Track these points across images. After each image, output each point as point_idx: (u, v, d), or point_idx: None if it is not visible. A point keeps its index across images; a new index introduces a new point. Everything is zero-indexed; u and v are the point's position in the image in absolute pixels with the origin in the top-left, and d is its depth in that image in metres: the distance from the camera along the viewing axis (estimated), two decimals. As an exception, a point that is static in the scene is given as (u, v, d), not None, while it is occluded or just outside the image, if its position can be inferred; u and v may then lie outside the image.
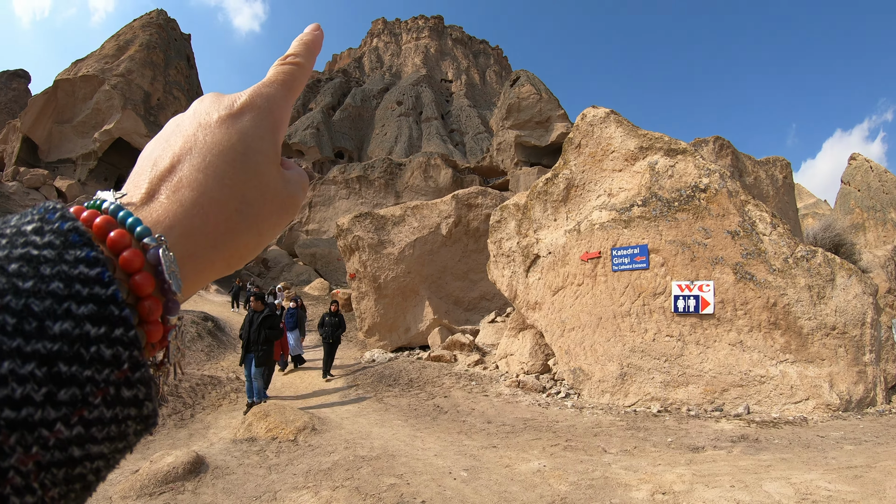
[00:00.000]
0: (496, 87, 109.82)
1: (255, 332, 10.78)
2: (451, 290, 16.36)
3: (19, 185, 35.46)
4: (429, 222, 16.54)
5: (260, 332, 10.76)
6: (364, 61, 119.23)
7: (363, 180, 58.34)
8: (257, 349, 10.61)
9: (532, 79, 50.57)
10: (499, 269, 12.56)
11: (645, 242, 9.36)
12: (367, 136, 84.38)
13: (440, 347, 14.74)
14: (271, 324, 10.90)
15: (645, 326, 9.10)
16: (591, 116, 11.44)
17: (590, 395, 9.50)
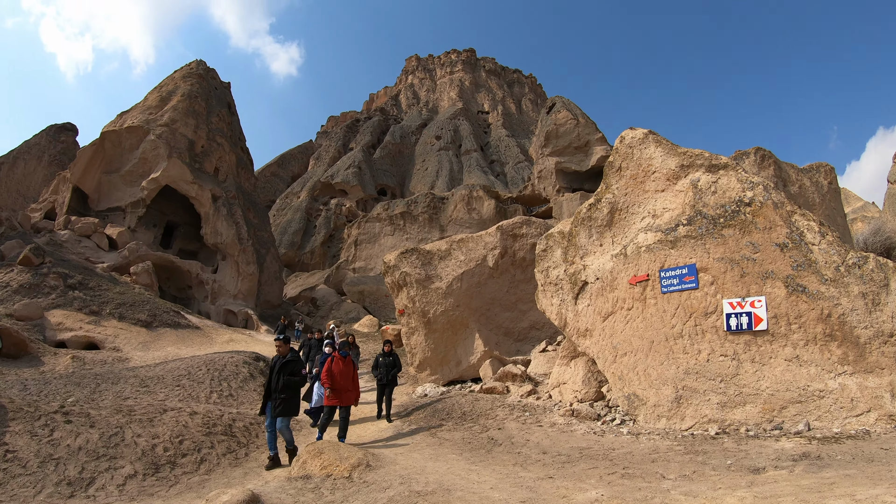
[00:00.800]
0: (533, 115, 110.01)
1: (275, 379, 9.81)
2: (501, 321, 16.29)
3: (71, 233, 36.62)
4: (475, 255, 16.56)
5: (280, 378, 9.75)
6: (400, 98, 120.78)
7: (407, 216, 58.81)
8: (276, 398, 9.65)
9: (568, 104, 50.58)
10: (547, 298, 12.48)
11: (693, 262, 9.21)
12: (408, 172, 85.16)
13: (492, 379, 14.65)
14: (292, 369, 9.88)
15: (698, 347, 8.91)
16: (630, 138, 11.39)
17: (645, 421, 9.31)
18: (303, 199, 73.08)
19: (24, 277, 26.11)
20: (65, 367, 18.21)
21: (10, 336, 18.39)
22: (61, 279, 27.00)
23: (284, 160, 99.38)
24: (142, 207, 40.31)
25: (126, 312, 26.13)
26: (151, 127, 40.81)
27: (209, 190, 41.23)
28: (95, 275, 30.76)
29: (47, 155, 69.23)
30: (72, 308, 24.93)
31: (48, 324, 23.12)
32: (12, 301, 23.98)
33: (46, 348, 20.08)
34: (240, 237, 41.42)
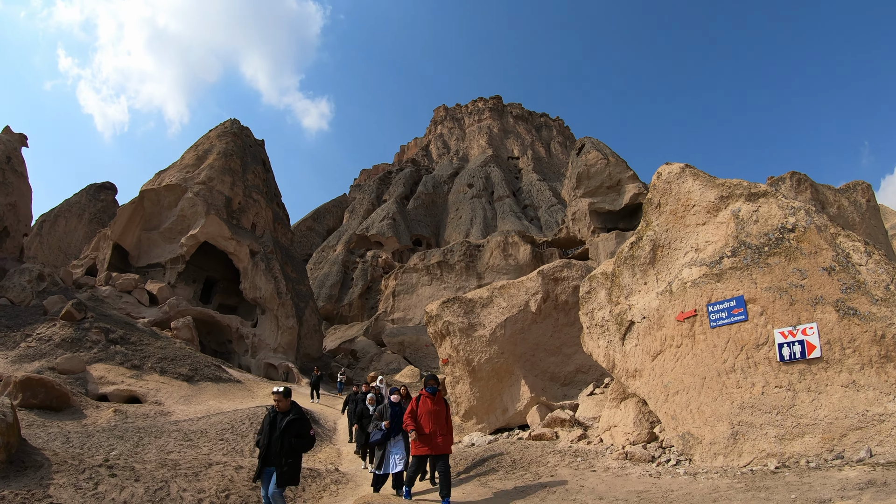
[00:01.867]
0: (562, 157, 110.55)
1: (277, 440, 8.38)
2: (546, 366, 16.06)
3: (112, 289, 37.37)
4: (517, 301, 16.44)
5: (284, 440, 8.37)
6: (431, 149, 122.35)
7: (444, 265, 58.93)
8: (280, 462, 8.26)
9: (597, 144, 50.75)
10: (593, 340, 12.29)
11: (740, 293, 9.02)
12: (442, 222, 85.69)
13: (540, 425, 14.39)
14: (299, 430, 8.51)
15: (751, 380, 8.66)
16: (667, 173, 11.31)
17: (702, 460, 9.02)
18: (339, 252, 73.85)
19: (66, 332, 26.62)
20: (107, 421, 18.37)
21: (53, 389, 18.63)
22: (103, 334, 27.47)
23: (319, 214, 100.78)
24: (181, 263, 41.10)
25: (167, 366, 26.43)
26: (189, 185, 41.82)
27: (247, 245, 41.89)
28: (137, 329, 31.26)
29: (87, 213, 71.28)
30: (114, 362, 25.31)
31: (90, 377, 23.48)
32: (55, 355, 24.44)
33: (88, 401, 20.30)
34: (278, 291, 41.84)
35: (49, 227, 68.63)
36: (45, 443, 13.24)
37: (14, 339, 26.13)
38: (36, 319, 29.05)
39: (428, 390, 9.90)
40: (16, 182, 44.50)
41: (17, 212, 44.33)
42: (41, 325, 27.72)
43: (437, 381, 10.17)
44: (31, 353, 24.49)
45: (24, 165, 46.72)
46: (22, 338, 26.37)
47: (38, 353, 24.55)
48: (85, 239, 64.94)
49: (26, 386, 18.11)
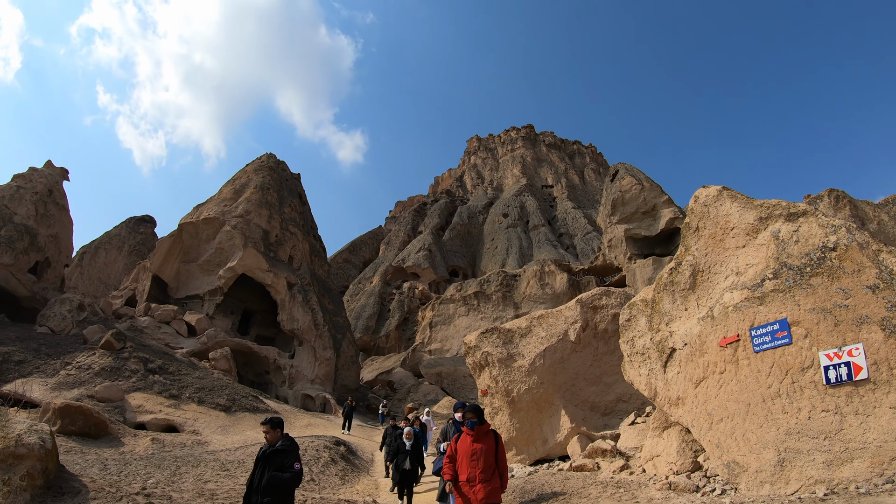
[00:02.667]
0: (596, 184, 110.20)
1: (258, 475, 7.47)
2: (586, 395, 15.82)
3: (151, 319, 37.99)
4: (556, 330, 16.27)
5: (264, 473, 7.40)
6: (465, 179, 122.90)
7: (480, 296, 58.84)
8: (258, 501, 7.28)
9: (631, 170, 50.49)
10: (634, 369, 12.07)
11: (783, 316, 8.79)
12: (478, 252, 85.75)
13: (581, 456, 14.13)
14: (281, 462, 7.43)
15: (797, 405, 8.39)
16: (704, 197, 11.16)
17: (748, 489, 8.73)
18: (375, 284, 74.16)
19: (105, 361, 27.12)
20: (144, 449, 18.55)
21: (91, 417, 18.92)
22: (142, 363, 27.91)
23: (355, 246, 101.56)
24: (219, 295, 41.68)
25: (205, 397, 26.68)
26: (227, 218, 42.57)
27: (284, 278, 42.34)
28: (175, 360, 31.72)
29: (127, 245, 72.85)
30: (152, 391, 25.67)
31: (128, 406, 23.81)
32: (94, 383, 24.94)
33: (126, 429, 20.57)
34: (315, 323, 42.09)
35: (90, 258, 70.21)
36: (82, 469, 13.43)
37: (54, 367, 26.69)
38: (76, 348, 29.67)
39: (468, 425, 7.94)
40: (57, 214, 45.71)
41: (58, 243, 45.48)
42: (81, 353, 28.30)
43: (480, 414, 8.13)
44: (71, 380, 25.03)
45: (66, 198, 48.04)
46: (62, 366, 26.94)
47: (78, 380, 25.07)
48: (124, 270, 66.34)
49: (65, 413, 18.47)
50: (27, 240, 41.04)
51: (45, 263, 43.79)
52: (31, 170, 46.22)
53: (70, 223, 47.82)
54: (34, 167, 46.70)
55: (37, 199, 43.78)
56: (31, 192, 43.78)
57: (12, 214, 41.38)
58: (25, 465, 8.38)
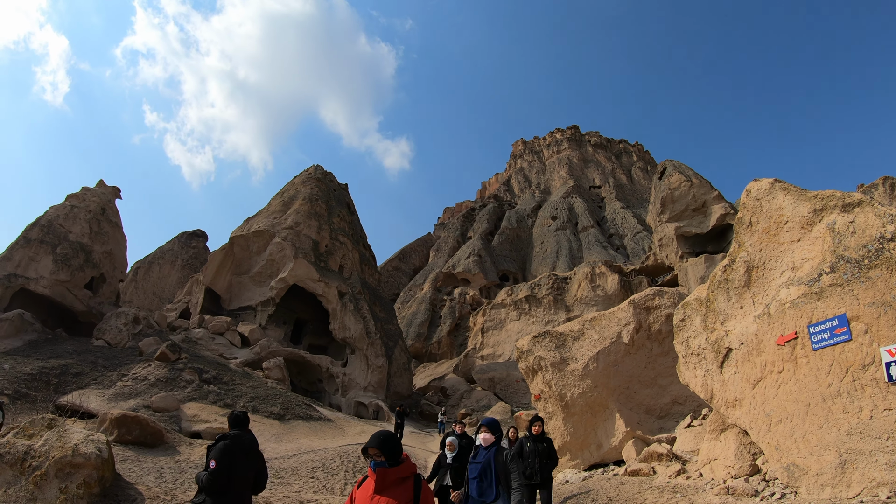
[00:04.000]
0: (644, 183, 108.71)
1: None
2: (641, 398, 15.52)
3: (205, 331, 38.80)
4: (609, 332, 16.03)
5: None
6: (512, 183, 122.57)
7: (531, 299, 58.49)
8: None
9: (679, 167, 49.68)
10: (690, 370, 11.77)
11: (842, 311, 8.44)
12: (528, 256, 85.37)
13: (636, 461, 13.86)
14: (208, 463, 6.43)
15: (859, 404, 8.04)
16: (756, 190, 10.85)
17: (808, 492, 8.40)
18: (426, 291, 74.35)
19: (160, 372, 27.76)
20: (200, 458, 18.85)
21: (147, 426, 19.34)
22: (196, 374, 28.46)
23: (405, 254, 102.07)
24: (271, 306, 42.36)
25: (259, 405, 27.04)
26: (277, 230, 43.32)
27: (335, 287, 42.77)
28: (229, 370, 32.30)
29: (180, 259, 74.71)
30: (206, 401, 26.15)
31: (184, 415, 24.30)
32: (150, 393, 25.55)
33: (182, 438, 20.93)
34: (367, 331, 42.37)
35: (144, 273, 72.12)
36: (138, 477, 13.77)
37: (111, 379, 27.39)
38: (132, 360, 30.42)
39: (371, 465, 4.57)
40: (111, 231, 46.98)
41: (112, 259, 46.74)
42: (137, 365, 29.04)
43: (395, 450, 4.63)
44: (127, 391, 25.68)
45: (119, 216, 49.36)
46: (118, 377, 27.64)
47: (134, 391, 25.72)
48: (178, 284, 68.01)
49: (122, 423, 18.86)
50: (82, 257, 42.26)
51: (100, 279, 45.06)
52: (84, 189, 47.67)
53: (124, 239, 49.14)
54: (87, 187, 48.18)
55: (90, 218, 45.08)
56: (84, 211, 45.10)
57: (67, 233, 42.69)
58: (82, 474, 8.58)
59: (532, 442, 9.55)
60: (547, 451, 9.57)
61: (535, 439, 9.60)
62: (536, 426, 9.77)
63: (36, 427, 9.70)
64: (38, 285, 38.86)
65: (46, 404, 22.26)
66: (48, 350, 31.63)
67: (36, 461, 8.63)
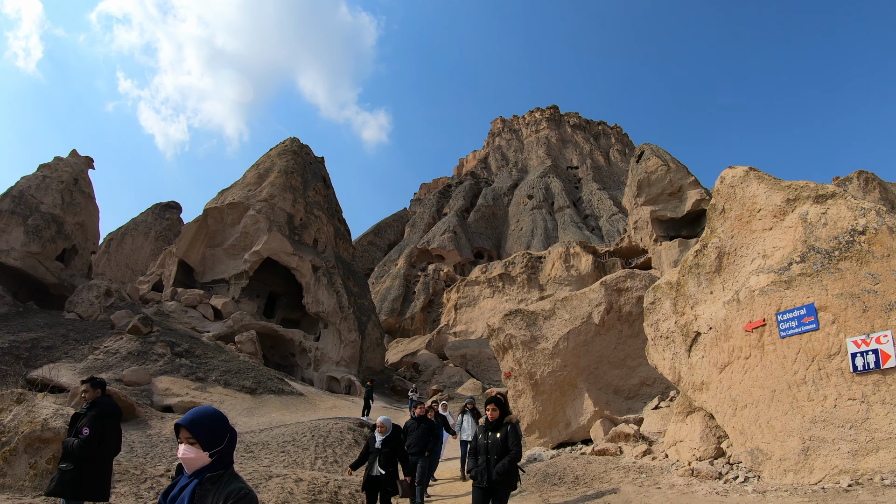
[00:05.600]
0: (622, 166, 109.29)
1: None
2: (610, 379, 15.68)
3: (177, 304, 38.53)
4: (580, 312, 16.13)
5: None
6: (489, 161, 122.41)
7: (505, 277, 58.69)
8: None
9: (656, 150, 49.85)
10: (658, 352, 11.91)
11: (810, 301, 8.59)
12: (503, 234, 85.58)
13: (604, 440, 14.06)
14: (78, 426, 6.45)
15: (823, 393, 8.21)
16: (731, 178, 10.93)
17: (771, 477, 8.59)
18: (401, 267, 74.31)
19: (132, 345, 27.54)
20: (171, 432, 18.80)
21: (119, 400, 19.16)
22: (168, 347, 28.29)
23: (380, 229, 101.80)
24: (245, 279, 42.08)
25: (231, 379, 26.98)
26: (251, 202, 42.93)
27: (309, 261, 42.58)
28: (201, 343, 32.11)
29: (153, 231, 73.82)
30: (178, 375, 26.07)
31: (155, 389, 24.22)
32: (121, 367, 25.38)
33: (153, 412, 20.87)
34: (340, 305, 42.32)
35: (117, 245, 71.17)
36: None
37: (82, 352, 27.15)
38: (104, 333, 30.12)
39: None
40: (83, 202, 46.29)
41: (85, 231, 46.12)
42: (109, 338, 28.76)
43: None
44: (99, 365, 25.45)
45: (91, 186, 48.59)
46: (90, 351, 27.40)
47: (106, 365, 25.49)
48: (151, 256, 67.23)
49: None
50: (54, 228, 41.64)
51: (72, 251, 44.47)
52: (57, 159, 46.86)
53: (96, 211, 48.44)
54: (59, 157, 47.34)
55: (63, 188, 44.37)
56: (56, 182, 44.37)
57: (39, 204, 42.00)
58: (52, 449, 8.53)
59: (484, 432, 7.86)
60: (502, 444, 7.54)
61: (491, 427, 7.79)
62: (490, 410, 7.88)
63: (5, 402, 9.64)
64: (9, 257, 38.27)
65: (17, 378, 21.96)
66: (19, 323, 31.22)
67: (5, 436, 8.54)
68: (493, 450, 7.44)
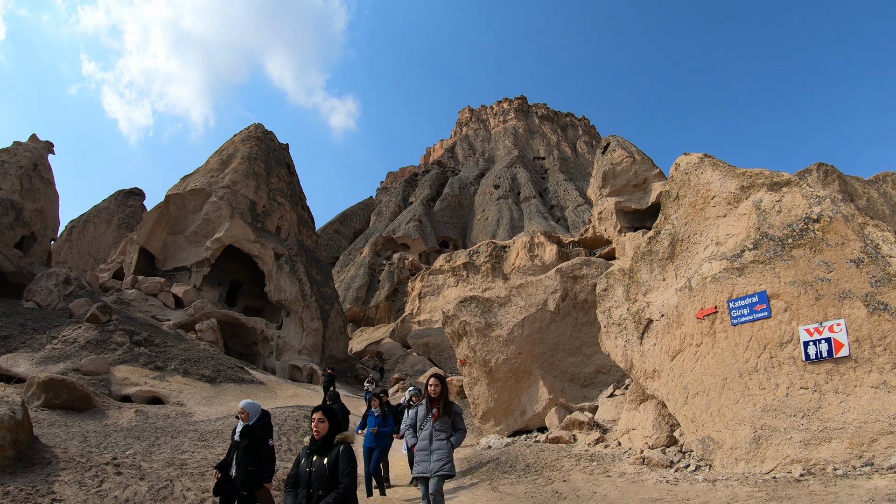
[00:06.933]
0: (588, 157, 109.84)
1: None
2: (565, 367, 15.59)
3: (138, 292, 37.76)
4: (535, 300, 16.01)
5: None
6: (457, 150, 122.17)
7: (469, 266, 58.54)
8: None
9: (622, 143, 49.95)
10: (611, 340, 11.81)
11: (763, 288, 8.49)
12: (468, 223, 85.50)
13: (558, 428, 13.96)
14: None
15: (775, 381, 8.12)
16: (685, 164, 10.83)
17: (722, 466, 8.50)
18: (366, 255, 73.84)
19: (91, 334, 26.94)
20: (128, 421, 18.46)
21: (75, 390, 18.87)
22: (127, 336, 27.70)
23: (346, 217, 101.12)
24: (206, 266, 41.39)
25: (190, 368, 26.55)
26: (213, 189, 42.18)
27: (271, 248, 42.00)
28: (161, 332, 31.57)
29: (116, 218, 72.31)
30: (137, 364, 25.55)
31: (114, 379, 23.70)
32: (79, 356, 24.79)
33: (111, 402, 20.48)
34: (303, 293, 41.85)
35: (78, 232, 69.65)
36: (63, 441, 13.42)
37: (40, 341, 26.46)
38: (62, 322, 29.38)
39: None
40: (43, 188, 45.11)
41: (44, 217, 44.93)
42: (67, 327, 28.06)
43: None
44: (57, 354, 24.84)
45: (51, 172, 47.38)
46: (48, 340, 26.69)
47: (64, 354, 24.90)
48: (114, 244, 65.83)
49: (49, 387, 18.40)
50: (12, 215, 40.47)
51: (31, 238, 43.30)
52: (16, 144, 45.60)
53: (56, 197, 47.25)
54: (18, 141, 46.07)
55: (21, 174, 43.18)
56: (15, 167, 43.15)
57: (-4, 190, 40.87)
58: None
59: (308, 455, 5.45)
60: (329, 474, 5.15)
61: (316, 449, 5.39)
62: (317, 422, 5.45)
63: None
64: (-34, 245, 37.16)
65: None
66: (-25, 313, 30.38)
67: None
68: (318, 481, 5.15)
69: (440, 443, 7.26)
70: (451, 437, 7.38)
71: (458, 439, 7.44)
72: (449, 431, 7.44)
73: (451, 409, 7.60)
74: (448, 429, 7.46)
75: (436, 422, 7.41)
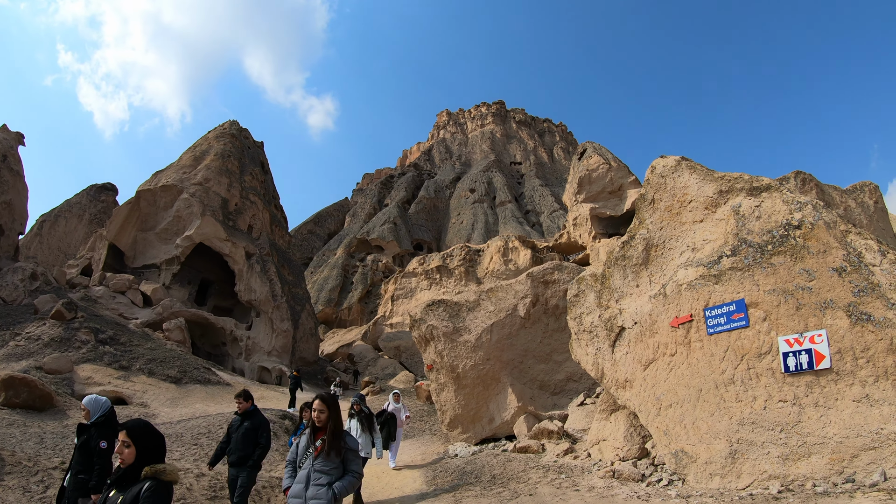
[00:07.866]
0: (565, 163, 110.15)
1: None
2: (535, 374, 15.22)
3: (106, 289, 36.96)
4: (505, 305, 15.64)
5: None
6: (433, 153, 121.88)
7: (443, 270, 58.22)
8: None
9: (599, 149, 49.97)
10: (582, 347, 11.42)
11: (741, 297, 8.15)
12: (443, 226, 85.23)
13: (527, 437, 13.56)
14: None
15: (753, 394, 7.77)
16: (662, 167, 10.49)
17: (696, 481, 8.13)
18: (339, 256, 73.26)
19: (55, 331, 26.29)
20: (89, 422, 17.85)
21: (36, 389, 18.32)
22: (92, 334, 27.04)
23: (321, 218, 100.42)
24: (176, 265, 40.64)
25: (156, 368, 25.99)
26: (185, 186, 41.43)
27: (243, 247, 41.35)
28: (127, 330, 30.93)
29: (88, 213, 71.11)
30: (102, 363, 24.97)
31: (77, 378, 23.13)
32: (42, 354, 24.21)
33: (73, 402, 19.95)
34: (273, 294, 41.20)
35: (49, 227, 68.36)
36: (18, 443, 13.13)
37: (3, 338, 25.84)
38: (26, 318, 28.67)
39: None
40: (11, 180, 43.98)
41: (12, 210, 43.81)
42: (31, 324, 27.38)
43: None
44: (19, 352, 24.27)
45: (21, 164, 46.27)
46: (11, 336, 26.02)
47: (26, 352, 24.33)
48: (85, 239, 64.65)
49: (9, 385, 17.87)
50: (-22, 207, 39.49)
51: (-3, 231, 42.23)
52: (-15, 135, 44.49)
53: (25, 190, 46.12)
54: (-12, 132, 44.96)
55: (-11, 165, 42.13)
56: (-17, 158, 42.10)
57: (-37, 182, 39.80)
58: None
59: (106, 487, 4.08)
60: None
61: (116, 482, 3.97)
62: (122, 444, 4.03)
63: None
64: (-70, 238, 36.11)
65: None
66: (-62, 309, 29.56)
67: None
68: None
69: (318, 490, 5.53)
70: (335, 483, 5.60)
71: (344, 487, 5.61)
72: (335, 474, 5.66)
73: (340, 443, 5.78)
74: (334, 470, 5.67)
75: (316, 460, 5.66)
